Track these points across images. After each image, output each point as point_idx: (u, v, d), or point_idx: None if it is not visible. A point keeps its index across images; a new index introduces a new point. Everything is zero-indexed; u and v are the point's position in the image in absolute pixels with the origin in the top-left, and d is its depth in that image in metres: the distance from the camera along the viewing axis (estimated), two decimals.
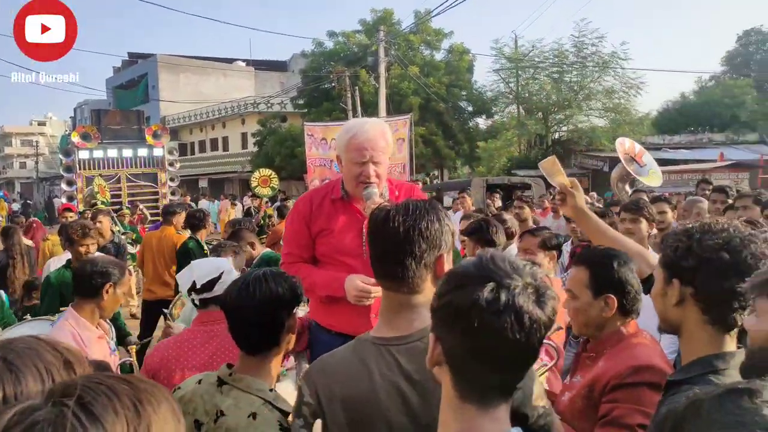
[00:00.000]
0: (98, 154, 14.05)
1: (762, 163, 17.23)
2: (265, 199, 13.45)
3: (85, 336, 2.42)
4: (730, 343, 1.31)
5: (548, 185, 17.22)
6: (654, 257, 1.82)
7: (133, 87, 41.17)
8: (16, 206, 26.64)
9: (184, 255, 5.16)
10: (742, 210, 3.76)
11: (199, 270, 2.18)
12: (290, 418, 1.66)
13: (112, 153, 14.19)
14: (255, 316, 1.53)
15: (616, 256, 1.82)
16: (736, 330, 1.30)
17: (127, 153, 14.37)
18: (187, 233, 5.72)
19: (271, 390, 1.53)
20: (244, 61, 43.24)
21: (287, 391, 2.05)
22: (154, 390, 0.73)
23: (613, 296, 1.76)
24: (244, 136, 35.23)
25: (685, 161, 19.95)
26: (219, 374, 1.56)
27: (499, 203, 9.21)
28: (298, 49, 32.71)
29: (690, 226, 1.34)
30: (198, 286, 2.14)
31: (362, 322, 2.03)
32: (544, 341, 2.15)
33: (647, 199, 4.12)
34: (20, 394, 0.88)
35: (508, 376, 0.96)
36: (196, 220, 5.70)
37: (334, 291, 2.24)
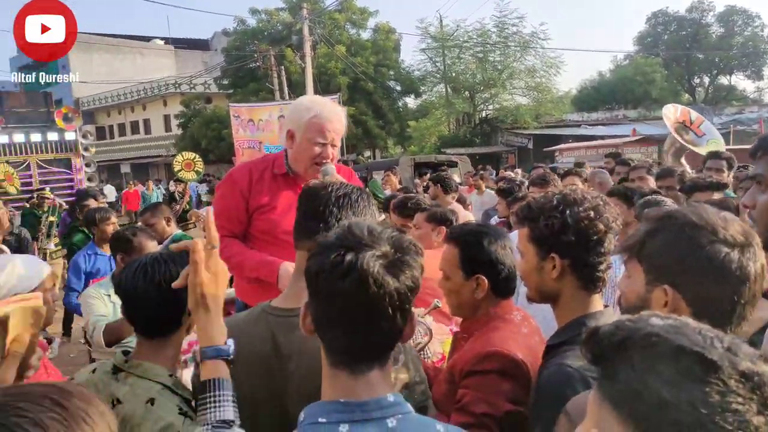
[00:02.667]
0: (3, 139, 13.05)
1: None
2: (193, 184, 13.04)
3: None
4: (598, 303, 1.42)
5: (475, 164, 17.66)
6: None
7: (42, 67, 38.31)
8: None
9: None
10: (638, 180, 4.01)
11: None
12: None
13: (19, 138, 13.20)
14: (155, 298, 1.49)
15: (486, 233, 1.70)
16: (602, 289, 1.41)
17: (36, 137, 13.42)
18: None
19: (170, 375, 1.51)
20: (162, 39, 41.18)
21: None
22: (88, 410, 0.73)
23: (483, 276, 1.65)
24: (166, 118, 33.77)
25: (602, 137, 21.01)
26: (114, 361, 1.52)
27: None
28: (220, 27, 31.57)
29: (554, 200, 1.39)
30: None
31: None
32: (419, 319, 2.10)
33: (550, 172, 4.31)
34: None
35: (369, 342, 0.97)
36: None
37: (264, 275, 2.13)
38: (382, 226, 1.03)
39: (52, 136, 13.65)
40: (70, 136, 13.84)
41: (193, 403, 1.50)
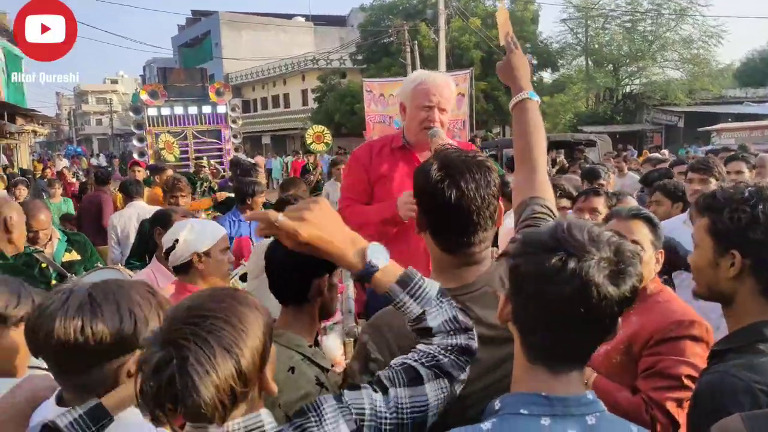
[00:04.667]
0: (165, 111, 14.51)
1: None
2: (326, 157, 13.59)
3: (161, 280, 2.55)
4: None
5: (614, 143, 16.45)
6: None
7: (198, 45, 42.00)
8: (94, 161, 28.28)
9: None
10: None
11: (165, 235, 2.24)
12: (337, 368, 1.71)
13: (179, 110, 14.61)
14: (285, 265, 1.54)
15: None
16: None
17: (193, 110, 14.77)
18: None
19: (310, 346, 1.56)
20: (303, 16, 43.09)
21: (335, 344, 2.10)
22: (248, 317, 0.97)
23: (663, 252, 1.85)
24: (304, 92, 35.49)
25: None
26: None
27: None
28: (357, 3, 32.28)
29: (746, 192, 1.25)
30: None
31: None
32: None
33: (715, 157, 3.84)
34: (95, 327, 1.09)
35: (575, 345, 0.95)
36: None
37: (386, 212, 2.28)
38: (599, 227, 0.96)
39: (206, 109, 14.93)
40: (221, 109, 15.05)
41: (328, 374, 1.55)
